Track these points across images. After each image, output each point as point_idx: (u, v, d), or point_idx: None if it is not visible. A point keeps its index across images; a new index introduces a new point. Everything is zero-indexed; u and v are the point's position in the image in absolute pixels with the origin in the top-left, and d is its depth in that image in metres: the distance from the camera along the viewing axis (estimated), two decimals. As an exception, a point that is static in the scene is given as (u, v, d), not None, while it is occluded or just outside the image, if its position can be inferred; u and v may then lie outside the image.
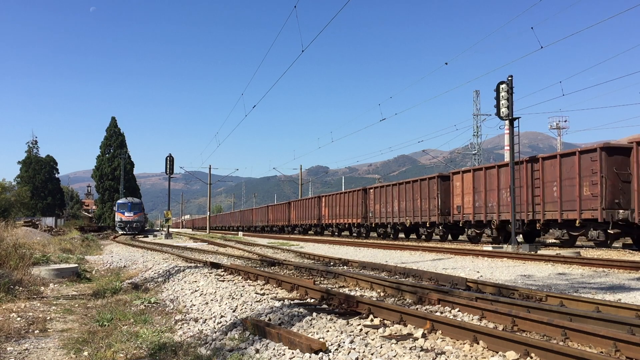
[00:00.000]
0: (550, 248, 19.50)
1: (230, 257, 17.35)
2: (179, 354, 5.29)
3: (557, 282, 9.92)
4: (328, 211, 40.63)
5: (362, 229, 35.35)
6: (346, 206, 37.20)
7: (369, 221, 33.96)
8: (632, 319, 5.39)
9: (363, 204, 34.70)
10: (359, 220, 35.17)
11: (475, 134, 60.66)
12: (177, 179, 78.29)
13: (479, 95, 60.30)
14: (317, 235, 41.85)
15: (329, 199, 40.76)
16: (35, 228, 36.08)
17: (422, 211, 27.75)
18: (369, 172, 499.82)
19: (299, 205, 47.98)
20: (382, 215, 32.10)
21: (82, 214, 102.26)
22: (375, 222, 33.02)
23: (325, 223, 41.37)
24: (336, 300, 7.05)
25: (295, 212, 48.83)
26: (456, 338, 4.97)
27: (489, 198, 22.70)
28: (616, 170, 17.35)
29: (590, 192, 17.56)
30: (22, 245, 14.72)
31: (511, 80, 19.52)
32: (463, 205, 24.42)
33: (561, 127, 66.55)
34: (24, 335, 6.39)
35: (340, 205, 38.44)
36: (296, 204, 49.20)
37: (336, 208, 39.11)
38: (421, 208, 27.77)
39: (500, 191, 21.97)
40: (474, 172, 24.04)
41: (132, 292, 10.04)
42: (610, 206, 17.23)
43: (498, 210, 22.02)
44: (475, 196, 23.62)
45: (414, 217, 28.40)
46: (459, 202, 24.78)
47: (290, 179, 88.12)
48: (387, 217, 31.33)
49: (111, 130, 77.05)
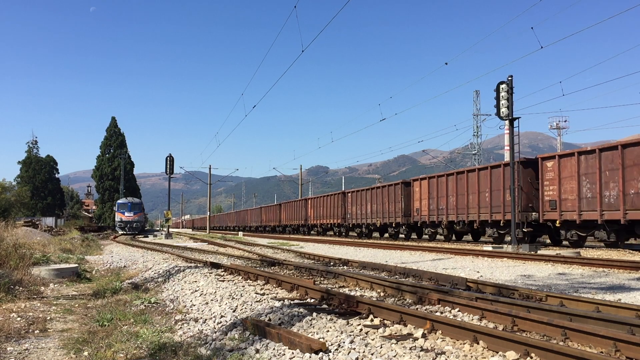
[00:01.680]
0: (550, 248, 19.52)
1: (230, 257, 17.35)
2: (179, 354, 5.29)
3: (557, 282, 9.92)
4: (313, 212, 43.78)
5: (342, 229, 38.71)
6: (328, 208, 40.57)
7: (347, 221, 37.26)
8: (632, 319, 5.39)
9: (342, 206, 38.22)
10: (339, 221, 38.64)
11: (475, 134, 60.69)
12: (177, 179, 78.32)
13: (479, 95, 60.34)
14: (305, 235, 44.60)
15: (314, 201, 44.06)
16: (35, 228, 36.07)
17: (389, 213, 31.32)
18: (369, 172, 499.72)
19: (289, 207, 50.95)
20: (357, 217, 35.71)
21: (82, 214, 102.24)
22: (352, 222, 36.50)
23: (311, 223, 44.54)
24: (336, 300, 7.05)
25: (285, 213, 51.77)
26: (456, 338, 4.97)
27: (440, 202, 26.45)
28: (529, 180, 21.09)
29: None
30: (22, 245, 14.72)
31: (511, 80, 19.51)
32: (421, 208, 28.11)
33: (561, 127, 66.53)
34: (24, 335, 6.39)
35: (323, 207, 41.63)
36: (286, 206, 52.13)
37: (320, 209, 42.29)
38: (389, 210, 31.40)
39: (449, 197, 25.56)
40: (429, 180, 27.49)
41: (132, 292, 10.04)
42: (525, 209, 20.74)
43: (447, 213, 25.76)
44: (430, 200, 27.22)
45: (383, 218, 32.03)
46: (417, 205, 28.51)
47: (290, 179, 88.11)
48: (362, 218, 35.10)
49: (111, 130, 77.05)
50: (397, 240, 28.65)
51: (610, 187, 17.69)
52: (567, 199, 19.20)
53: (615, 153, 17.59)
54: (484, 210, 22.92)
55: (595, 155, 18.27)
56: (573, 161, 19.09)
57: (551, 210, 19.88)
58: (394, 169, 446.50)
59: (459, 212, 24.68)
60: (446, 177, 25.85)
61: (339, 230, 38.99)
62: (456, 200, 24.85)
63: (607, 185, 17.79)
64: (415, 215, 28.49)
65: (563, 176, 19.43)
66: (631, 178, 16.98)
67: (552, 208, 19.81)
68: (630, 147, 17.14)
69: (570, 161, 19.28)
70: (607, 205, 17.75)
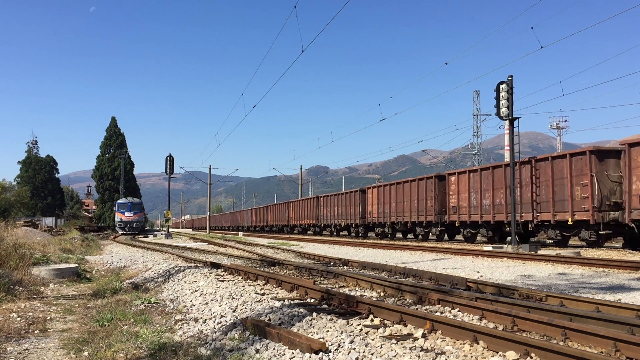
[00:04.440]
0: (550, 248, 19.51)
1: (230, 257, 17.34)
2: (179, 354, 5.29)
3: (557, 282, 9.92)
4: (295, 214, 48.65)
5: (317, 228, 42.57)
6: (306, 210, 44.50)
7: (320, 222, 41.78)
8: (632, 319, 5.39)
9: (316, 208, 42.02)
10: (314, 222, 42.73)
11: (475, 134, 60.63)
12: (177, 179, 78.31)
13: (479, 95, 60.24)
14: (288, 234, 48.38)
15: (295, 204, 49.08)
16: (35, 228, 36.05)
17: (350, 215, 35.91)
18: (369, 172, 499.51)
19: (275, 209, 56.78)
20: (328, 218, 39.85)
21: (82, 214, 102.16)
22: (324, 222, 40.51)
23: (292, 224, 49.34)
24: (336, 300, 7.05)
25: (272, 214, 57.15)
26: (456, 338, 4.97)
27: (385, 207, 31.18)
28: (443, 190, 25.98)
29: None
30: (22, 245, 14.71)
31: (511, 80, 19.50)
32: (373, 212, 32.85)
33: (561, 127, 66.45)
34: (24, 335, 6.39)
35: (302, 209, 45.76)
36: (272, 208, 58.33)
37: (300, 211, 46.53)
38: (350, 213, 36.05)
39: (391, 203, 30.37)
40: (379, 188, 32.16)
41: (132, 292, 10.04)
42: (439, 213, 26.14)
43: (389, 215, 30.64)
44: (379, 205, 31.99)
45: (346, 219, 36.66)
46: (370, 209, 33.24)
47: (290, 179, 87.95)
48: (331, 219, 39.25)
49: (111, 130, 76.94)
50: (358, 238, 33.56)
51: (486, 197, 22.84)
52: (463, 205, 24.38)
53: (488, 172, 22.79)
54: (414, 214, 28.00)
55: (478, 174, 23.44)
56: (466, 177, 24.16)
57: (453, 214, 25.06)
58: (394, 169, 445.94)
59: (398, 214, 29.77)
60: (389, 187, 30.93)
61: (314, 229, 43.52)
62: (396, 205, 29.92)
63: (484, 196, 22.96)
64: (368, 217, 33.45)
65: (460, 189, 24.64)
66: (498, 191, 22.05)
67: (454, 212, 25.02)
68: (497, 169, 22.37)
69: (465, 177, 24.31)
70: (485, 211, 22.86)
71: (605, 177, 17.82)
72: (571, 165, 18.58)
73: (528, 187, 20.41)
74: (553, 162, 19.39)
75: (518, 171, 20.81)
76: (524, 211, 20.55)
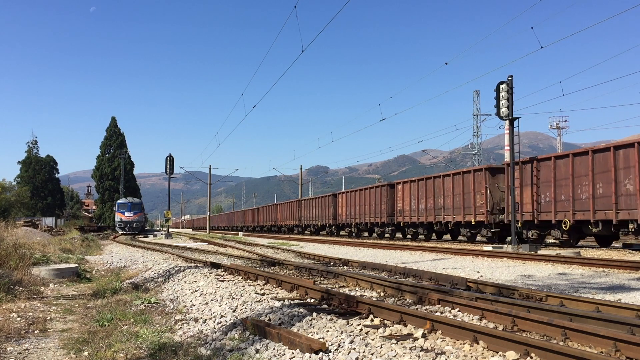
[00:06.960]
0: (550, 248, 19.52)
1: (230, 257, 17.35)
2: (179, 354, 5.29)
3: (557, 282, 9.92)
4: (281, 215, 52.33)
5: (300, 228, 46.52)
6: (290, 212, 48.77)
7: (302, 223, 45.56)
8: (632, 319, 5.39)
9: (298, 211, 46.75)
10: (296, 222, 47.33)
11: (475, 134, 60.66)
12: (177, 179, 78.34)
13: (479, 95, 60.28)
14: (276, 233, 52.26)
15: (280, 207, 53.13)
16: (35, 228, 36.06)
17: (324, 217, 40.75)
18: (369, 172, 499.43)
19: (264, 211, 60.65)
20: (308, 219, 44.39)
21: (82, 214, 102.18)
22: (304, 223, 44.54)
23: (279, 224, 53.14)
24: (336, 300, 7.05)
25: (262, 215, 61.61)
26: (456, 338, 4.97)
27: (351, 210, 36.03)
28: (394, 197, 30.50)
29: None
30: (22, 245, 14.72)
31: (511, 80, 19.51)
32: (342, 214, 37.66)
33: (561, 127, 66.47)
34: (24, 335, 6.39)
35: (287, 211, 49.36)
36: (262, 210, 62.71)
37: (285, 213, 50.22)
38: (324, 215, 40.92)
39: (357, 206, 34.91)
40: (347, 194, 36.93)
41: (132, 292, 10.04)
42: (390, 215, 30.69)
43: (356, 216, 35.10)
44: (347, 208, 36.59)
45: (322, 220, 41.45)
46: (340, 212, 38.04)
47: (290, 179, 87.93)
48: (310, 220, 44.15)
49: (111, 130, 76.96)
50: (333, 237, 37.78)
51: (422, 203, 27.45)
52: (406, 209, 29.01)
53: (423, 182, 27.56)
54: (372, 216, 32.76)
55: (416, 184, 28.22)
56: (408, 186, 28.94)
57: (400, 216, 29.68)
58: (394, 169, 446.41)
59: (361, 216, 34.65)
60: (354, 193, 35.92)
61: (297, 229, 47.60)
62: (359, 208, 34.78)
63: (422, 200, 27.49)
64: (339, 218, 38.37)
65: (404, 195, 29.31)
66: (430, 198, 26.68)
67: (400, 215, 29.68)
68: (429, 180, 27.10)
69: (407, 186, 29.13)
70: (422, 213, 27.51)
71: (496, 188, 22.73)
72: (474, 179, 23.57)
73: (450, 196, 25.44)
74: (464, 175, 24.62)
75: (441, 182, 26.10)
76: (446, 214, 25.69)
